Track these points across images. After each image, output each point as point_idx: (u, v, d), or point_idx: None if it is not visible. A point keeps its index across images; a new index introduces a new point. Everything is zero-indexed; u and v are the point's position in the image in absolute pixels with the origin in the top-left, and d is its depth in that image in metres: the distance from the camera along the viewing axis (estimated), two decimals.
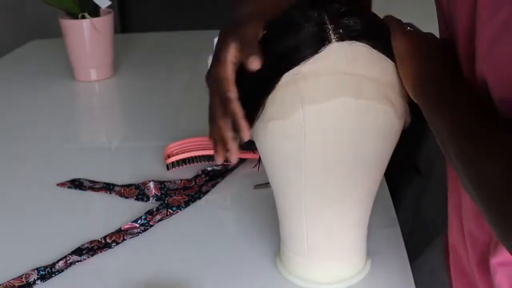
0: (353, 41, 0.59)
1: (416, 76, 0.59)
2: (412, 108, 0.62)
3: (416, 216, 1.12)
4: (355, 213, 0.67)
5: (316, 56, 0.59)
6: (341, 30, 0.59)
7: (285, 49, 0.59)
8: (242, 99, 0.64)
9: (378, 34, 0.61)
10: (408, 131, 0.65)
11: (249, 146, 0.69)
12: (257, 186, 0.90)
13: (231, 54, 0.61)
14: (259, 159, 0.69)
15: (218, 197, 0.91)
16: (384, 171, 0.66)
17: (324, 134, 0.60)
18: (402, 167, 1.06)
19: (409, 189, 1.09)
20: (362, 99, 0.59)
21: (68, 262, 0.74)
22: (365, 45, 0.59)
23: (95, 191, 0.92)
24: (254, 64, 0.59)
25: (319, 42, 0.59)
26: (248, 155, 0.97)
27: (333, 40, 0.59)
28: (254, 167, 0.74)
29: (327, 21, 0.59)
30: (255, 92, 0.62)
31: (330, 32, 0.59)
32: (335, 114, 0.59)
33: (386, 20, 0.63)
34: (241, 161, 0.98)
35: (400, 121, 0.62)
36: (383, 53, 0.60)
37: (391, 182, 0.89)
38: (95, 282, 0.72)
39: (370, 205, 0.68)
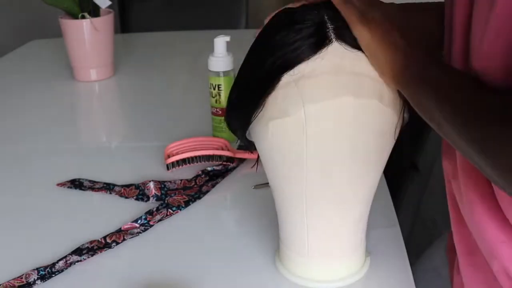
0: (353, 42, 0.60)
1: (392, 67, 0.58)
2: (410, 106, 0.62)
3: (416, 216, 1.12)
4: (355, 211, 0.67)
5: (317, 56, 0.59)
6: (341, 30, 0.59)
7: (286, 49, 0.59)
8: (242, 98, 0.64)
9: None
10: (407, 130, 0.65)
11: (248, 146, 0.70)
12: (257, 186, 0.90)
13: None
14: (258, 159, 0.70)
15: (218, 197, 0.91)
16: (383, 169, 0.66)
17: (325, 132, 0.60)
18: (402, 167, 1.06)
19: (409, 188, 1.09)
20: (363, 98, 0.59)
21: (68, 262, 0.74)
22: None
23: (95, 191, 0.92)
24: None
25: (320, 42, 0.59)
26: (248, 155, 0.97)
27: (333, 40, 0.59)
28: (252, 167, 0.74)
29: (327, 21, 0.60)
30: (256, 91, 0.62)
31: (330, 31, 0.59)
32: (336, 113, 0.59)
33: (337, 6, 0.60)
34: (241, 161, 0.99)
35: (399, 118, 0.62)
36: None
37: (391, 182, 0.89)
38: (95, 282, 0.72)
39: (369, 203, 0.68)
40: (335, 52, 0.59)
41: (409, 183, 1.08)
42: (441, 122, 0.52)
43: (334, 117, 0.59)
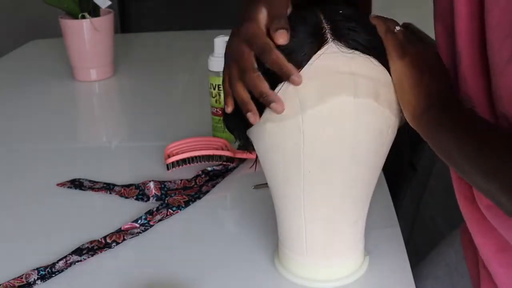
0: (349, 42, 0.60)
1: (417, 104, 0.59)
2: None
3: (416, 216, 1.12)
4: (354, 211, 0.67)
5: (314, 57, 0.59)
6: (337, 30, 0.59)
7: (282, 52, 0.59)
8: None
9: (373, 39, 0.61)
10: (407, 130, 0.65)
11: (247, 146, 0.70)
12: (257, 186, 0.90)
13: (263, 15, 0.60)
14: (256, 159, 0.70)
15: (218, 197, 0.91)
16: (381, 169, 0.66)
17: (322, 133, 0.60)
18: (402, 167, 1.06)
19: (409, 188, 1.09)
20: (360, 98, 0.59)
21: (68, 262, 0.74)
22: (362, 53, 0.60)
23: (95, 191, 0.92)
24: (282, 39, 0.58)
25: (316, 43, 0.59)
26: (248, 155, 0.97)
27: (330, 40, 0.59)
28: (251, 167, 0.74)
29: (324, 21, 0.60)
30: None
31: (327, 32, 0.59)
32: (333, 113, 0.59)
33: (380, 33, 0.61)
34: (241, 161, 0.99)
35: (396, 118, 0.62)
36: (378, 60, 0.61)
37: (391, 182, 0.89)
38: (95, 282, 0.72)
39: (368, 202, 0.68)
40: (332, 53, 0.59)
41: (409, 183, 1.08)
42: (459, 163, 0.56)
43: (331, 117, 0.59)
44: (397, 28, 0.62)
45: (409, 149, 0.66)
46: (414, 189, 1.08)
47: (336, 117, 0.59)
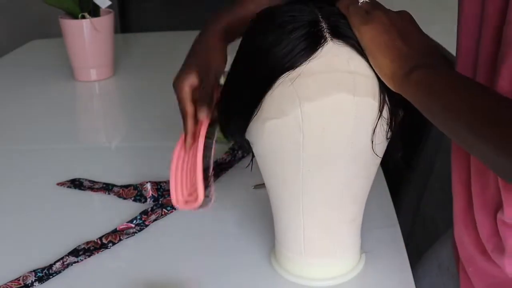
0: (347, 40, 0.59)
1: (397, 67, 0.57)
2: (406, 104, 0.62)
3: (416, 216, 1.12)
4: (351, 209, 0.67)
5: (312, 56, 0.59)
6: (335, 28, 0.59)
7: (281, 51, 0.59)
8: (239, 98, 0.64)
9: None
10: (408, 130, 0.65)
11: (243, 146, 0.69)
12: (257, 186, 0.90)
13: (192, 79, 0.73)
14: (252, 158, 0.69)
15: (218, 197, 0.90)
16: (377, 168, 0.66)
17: (321, 131, 0.60)
18: (401, 166, 1.06)
19: (409, 188, 1.08)
20: (358, 96, 0.59)
21: (65, 263, 0.74)
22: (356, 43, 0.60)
23: (94, 191, 0.92)
24: (201, 114, 0.66)
25: (314, 42, 0.59)
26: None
27: (328, 38, 0.59)
28: (247, 166, 0.73)
29: (322, 20, 0.60)
30: (252, 91, 0.62)
31: (325, 31, 0.59)
32: (332, 112, 0.59)
33: (343, 10, 0.61)
34: (237, 161, 0.98)
35: (394, 117, 0.62)
36: None
37: (391, 182, 0.89)
38: (92, 283, 0.72)
39: (364, 201, 0.68)
40: (330, 51, 0.59)
41: (409, 183, 1.07)
42: (453, 128, 0.53)
43: (330, 115, 0.59)
44: (361, 1, 0.61)
45: (406, 148, 0.66)
46: (414, 189, 1.08)
47: (335, 115, 0.59)
